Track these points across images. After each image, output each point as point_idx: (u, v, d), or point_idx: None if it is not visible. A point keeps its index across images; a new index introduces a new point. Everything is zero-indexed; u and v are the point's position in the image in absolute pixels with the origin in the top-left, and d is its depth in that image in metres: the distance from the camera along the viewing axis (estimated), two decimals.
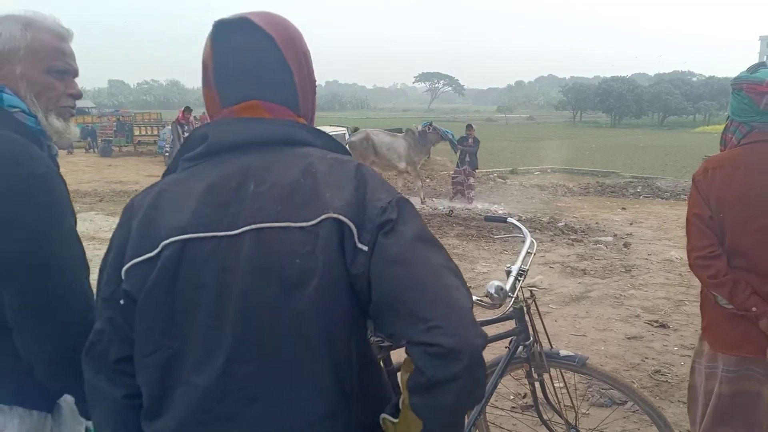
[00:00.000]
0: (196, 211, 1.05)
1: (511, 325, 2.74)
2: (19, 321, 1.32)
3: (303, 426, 1.05)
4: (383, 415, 1.13)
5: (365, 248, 1.02)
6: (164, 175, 1.18)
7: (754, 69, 2.36)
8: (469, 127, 13.68)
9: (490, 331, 2.87)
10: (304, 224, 1.02)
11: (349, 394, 1.07)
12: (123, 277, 1.07)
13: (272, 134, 1.10)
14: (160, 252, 1.04)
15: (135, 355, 1.09)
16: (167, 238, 1.04)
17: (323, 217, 1.02)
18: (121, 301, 1.08)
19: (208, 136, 1.09)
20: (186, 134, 13.36)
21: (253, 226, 1.02)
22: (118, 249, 1.10)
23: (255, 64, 1.12)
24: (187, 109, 13.73)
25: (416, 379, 0.99)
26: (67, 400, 1.49)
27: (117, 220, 1.14)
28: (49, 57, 1.48)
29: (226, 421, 1.04)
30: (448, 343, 0.96)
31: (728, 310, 2.32)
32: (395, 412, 1.11)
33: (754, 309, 2.24)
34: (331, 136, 1.19)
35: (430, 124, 13.08)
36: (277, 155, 1.08)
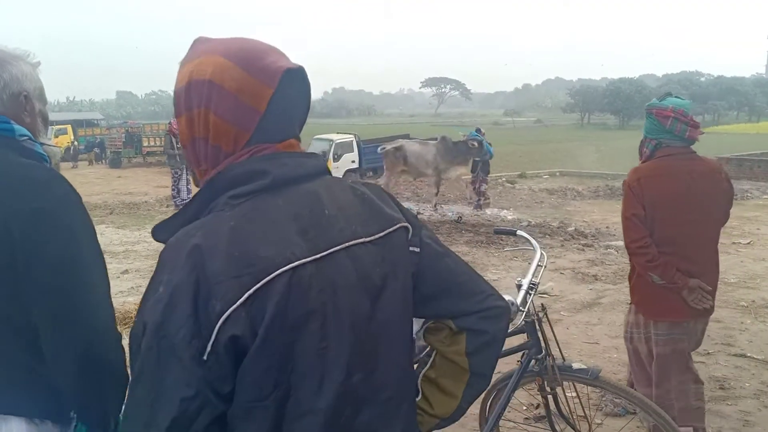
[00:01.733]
0: (290, 241, 1.06)
1: (522, 338, 2.72)
2: (48, 331, 1.40)
3: (396, 416, 1.19)
4: None
5: (417, 249, 1.24)
6: (186, 216, 1.11)
7: (662, 98, 3.10)
8: (477, 131, 13.32)
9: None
10: (374, 237, 1.17)
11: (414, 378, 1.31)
12: (221, 325, 0.98)
13: (319, 167, 1.20)
14: (264, 286, 1.00)
15: (242, 403, 1.02)
16: (274, 271, 1.01)
17: (397, 226, 1.21)
18: (205, 357, 0.98)
19: (269, 172, 1.09)
20: (180, 145, 13.27)
21: (341, 246, 1.11)
22: (193, 298, 0.98)
23: (301, 109, 1.22)
24: None
25: (477, 341, 1.26)
26: None
27: (128, 233, 1.11)
28: (44, 92, 1.66)
29: None
30: (501, 304, 1.29)
31: (659, 285, 3.01)
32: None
33: (679, 282, 2.98)
34: None
35: (477, 139, 12.43)
36: (325, 183, 1.18)
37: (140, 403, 1.01)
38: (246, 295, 0.99)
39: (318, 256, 1.07)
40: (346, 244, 1.12)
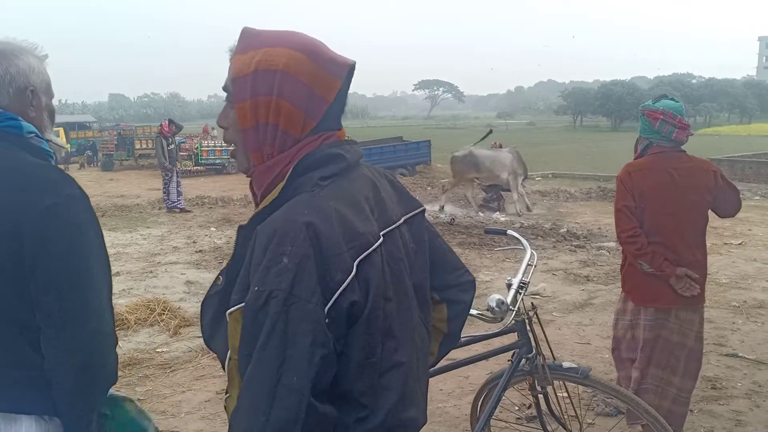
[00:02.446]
0: (371, 219, 1.23)
1: (513, 338, 2.72)
2: (55, 328, 1.41)
3: (427, 364, 1.43)
4: None
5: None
6: (286, 196, 1.18)
7: (657, 100, 3.29)
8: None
9: (493, 344, 2.86)
10: (407, 216, 1.37)
11: None
12: (342, 292, 1.11)
13: (361, 154, 1.34)
14: (367, 258, 1.16)
15: (356, 361, 1.16)
16: (370, 246, 1.18)
17: (420, 209, 1.44)
18: (327, 320, 1.10)
19: (346, 157, 1.25)
20: (171, 146, 13.21)
21: (395, 225, 1.30)
22: (316, 269, 1.10)
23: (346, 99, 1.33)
24: (171, 122, 13.47)
25: (456, 310, 1.51)
26: None
27: (120, 235, 1.12)
28: (51, 85, 1.64)
29: (414, 384, 1.30)
30: (472, 279, 1.57)
31: (648, 273, 3.20)
32: None
33: (666, 270, 3.15)
34: None
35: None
36: (369, 169, 1.36)
37: (266, 365, 1.07)
38: (355, 266, 1.14)
39: (385, 231, 1.25)
40: (397, 224, 1.31)
